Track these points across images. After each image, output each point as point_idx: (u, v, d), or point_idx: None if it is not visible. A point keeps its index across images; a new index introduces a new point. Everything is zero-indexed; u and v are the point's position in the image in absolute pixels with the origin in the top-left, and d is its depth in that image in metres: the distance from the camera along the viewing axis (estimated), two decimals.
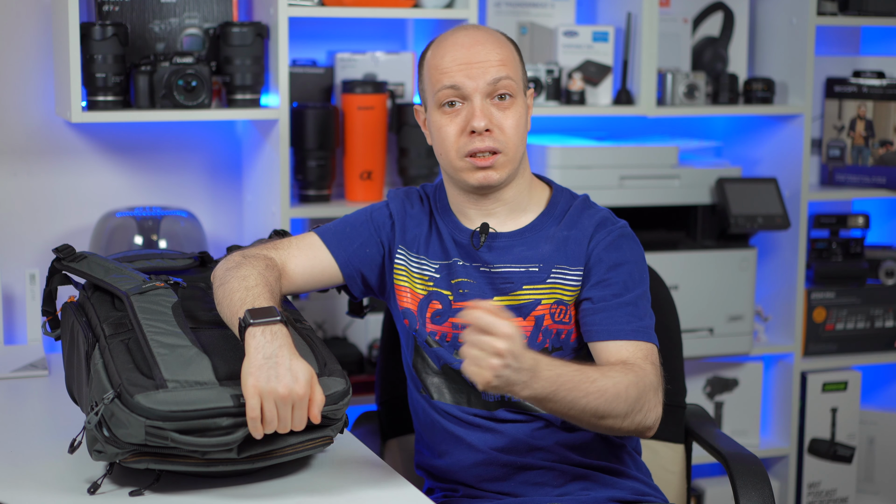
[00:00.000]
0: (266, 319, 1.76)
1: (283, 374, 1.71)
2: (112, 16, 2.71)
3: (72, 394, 2.01)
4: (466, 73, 1.99)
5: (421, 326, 2.07)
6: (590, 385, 1.83)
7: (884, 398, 3.60)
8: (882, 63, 3.41)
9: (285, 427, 1.72)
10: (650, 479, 2.13)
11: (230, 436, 1.70)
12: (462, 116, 1.99)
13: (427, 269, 2.08)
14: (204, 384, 1.71)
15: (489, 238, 2.05)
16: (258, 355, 1.72)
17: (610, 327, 1.98)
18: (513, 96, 2.00)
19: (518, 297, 2.02)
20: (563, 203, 2.09)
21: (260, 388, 1.69)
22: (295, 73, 2.88)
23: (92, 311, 1.92)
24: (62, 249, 2.04)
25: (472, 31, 2.05)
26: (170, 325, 1.82)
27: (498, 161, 1.99)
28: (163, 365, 1.73)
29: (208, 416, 1.69)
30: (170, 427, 1.67)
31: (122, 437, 1.69)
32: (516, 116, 2.01)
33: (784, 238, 3.26)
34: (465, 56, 2.00)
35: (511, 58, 2.03)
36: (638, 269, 2.04)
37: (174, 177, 2.95)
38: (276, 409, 1.70)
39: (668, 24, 3.20)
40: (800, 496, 3.33)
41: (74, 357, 1.94)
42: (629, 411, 1.87)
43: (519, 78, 2.04)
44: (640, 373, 1.91)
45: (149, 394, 1.68)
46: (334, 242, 2.11)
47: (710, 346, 3.12)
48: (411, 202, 2.15)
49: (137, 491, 1.73)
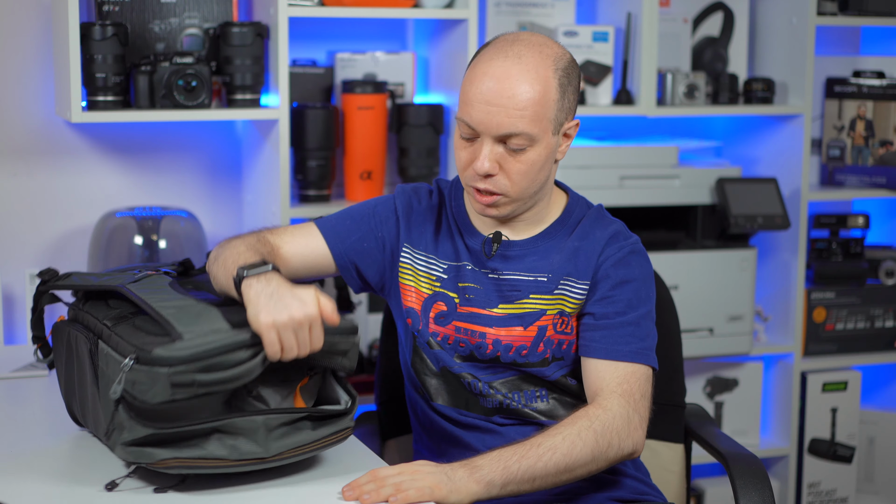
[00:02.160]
0: (259, 270, 1.79)
1: (291, 302, 1.74)
2: (112, 16, 2.71)
3: (72, 411, 1.98)
4: (484, 115, 1.90)
5: (424, 327, 2.07)
6: (537, 449, 1.84)
7: (884, 398, 3.60)
8: (882, 63, 3.41)
9: (306, 349, 1.75)
10: (649, 479, 2.13)
11: (251, 362, 1.72)
12: (473, 150, 1.95)
13: (435, 269, 2.07)
14: (218, 330, 1.73)
15: (501, 246, 2.04)
16: (260, 297, 1.75)
17: (606, 346, 1.98)
18: (529, 144, 1.92)
19: (523, 306, 2.02)
20: (578, 212, 2.08)
21: (275, 321, 1.72)
22: (295, 73, 2.88)
23: (88, 317, 1.91)
24: (45, 273, 2.02)
25: (509, 63, 1.92)
26: (172, 295, 1.85)
27: (499, 201, 1.97)
28: (175, 321, 1.74)
29: (228, 351, 1.71)
30: (194, 368, 1.68)
31: (150, 399, 1.69)
32: (529, 163, 1.93)
33: (784, 238, 3.26)
34: (488, 93, 1.90)
35: (539, 100, 1.91)
36: (645, 287, 2.03)
37: (174, 177, 2.95)
38: (294, 338, 1.73)
39: (668, 24, 3.20)
40: (800, 496, 3.33)
41: (75, 367, 1.92)
42: (595, 454, 1.88)
43: (544, 121, 1.93)
44: (595, 412, 1.90)
45: (167, 346, 1.70)
46: (331, 233, 2.10)
47: (710, 346, 3.12)
48: (419, 198, 2.12)
49: (161, 489, 1.74)
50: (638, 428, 1.94)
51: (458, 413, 2.06)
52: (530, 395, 2.04)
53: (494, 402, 2.03)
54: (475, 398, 2.05)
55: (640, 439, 1.95)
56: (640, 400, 1.96)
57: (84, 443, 1.94)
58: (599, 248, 2.02)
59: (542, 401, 2.04)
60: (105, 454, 1.87)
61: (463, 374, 2.04)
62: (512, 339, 2.01)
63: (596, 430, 1.88)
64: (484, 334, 2.02)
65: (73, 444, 1.95)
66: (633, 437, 1.93)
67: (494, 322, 2.02)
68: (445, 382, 2.07)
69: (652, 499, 2.08)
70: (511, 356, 2.01)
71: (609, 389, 1.94)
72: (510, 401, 2.03)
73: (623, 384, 1.95)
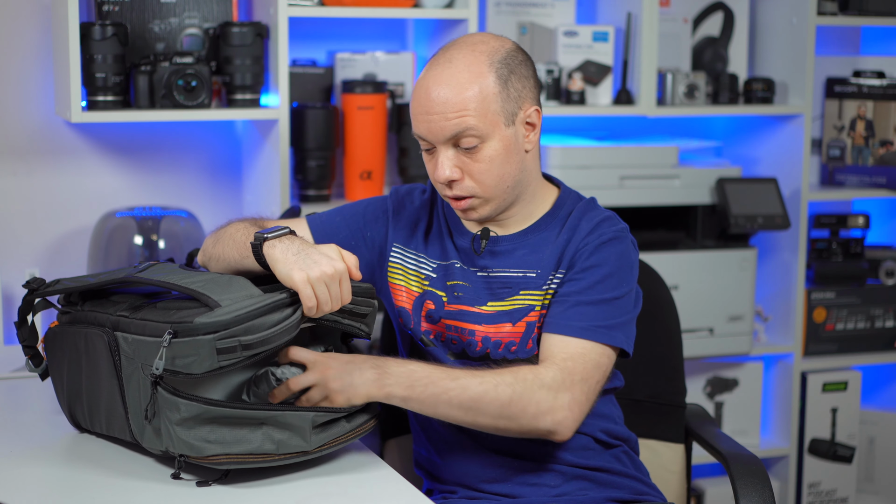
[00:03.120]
0: (277, 232, 1.84)
1: (320, 259, 1.79)
2: (112, 16, 2.71)
3: (74, 417, 1.97)
4: (427, 125, 1.92)
5: (416, 325, 2.07)
6: (450, 381, 1.85)
7: (884, 398, 3.60)
8: (882, 63, 3.41)
9: (337, 302, 1.80)
10: (648, 479, 2.13)
11: (291, 319, 1.77)
12: (434, 160, 1.96)
13: (424, 268, 2.08)
14: (252, 295, 1.77)
15: (490, 242, 2.04)
16: (287, 255, 1.80)
17: (559, 321, 1.93)
18: (481, 141, 1.91)
19: (513, 303, 2.01)
20: (569, 205, 2.07)
21: (308, 276, 1.77)
22: (295, 73, 2.89)
23: (95, 314, 1.89)
24: (33, 282, 2.00)
25: (438, 70, 1.94)
26: (189, 274, 1.86)
27: (473, 203, 1.97)
28: (208, 291, 1.77)
29: (269, 311, 1.74)
30: (238, 332, 1.71)
31: (196, 370, 1.70)
32: (487, 160, 1.92)
33: (784, 238, 3.26)
34: (425, 104, 1.92)
35: (475, 97, 1.90)
36: (619, 273, 1.97)
37: (174, 177, 2.95)
38: (327, 291, 1.78)
39: (668, 24, 3.20)
40: (800, 496, 3.33)
41: (83, 367, 1.90)
42: (504, 413, 1.85)
43: (489, 115, 1.91)
44: (526, 374, 1.87)
45: (208, 314, 1.72)
46: (319, 230, 2.10)
47: (710, 346, 3.12)
48: (412, 199, 2.13)
49: (204, 482, 1.75)
50: (565, 408, 1.86)
51: None
52: None
53: None
54: None
55: (565, 420, 1.87)
56: (579, 382, 1.88)
57: (84, 443, 1.94)
58: (583, 236, 1.99)
59: None
60: (105, 454, 1.87)
61: None
62: (501, 336, 2.01)
63: (516, 390, 1.85)
64: (473, 332, 2.02)
65: (73, 444, 1.95)
66: (555, 416, 1.86)
67: (483, 319, 2.02)
68: None
69: (652, 499, 2.08)
70: (500, 353, 2.01)
71: (550, 360, 1.90)
72: None
73: (567, 360, 1.89)
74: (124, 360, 1.80)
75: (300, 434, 1.78)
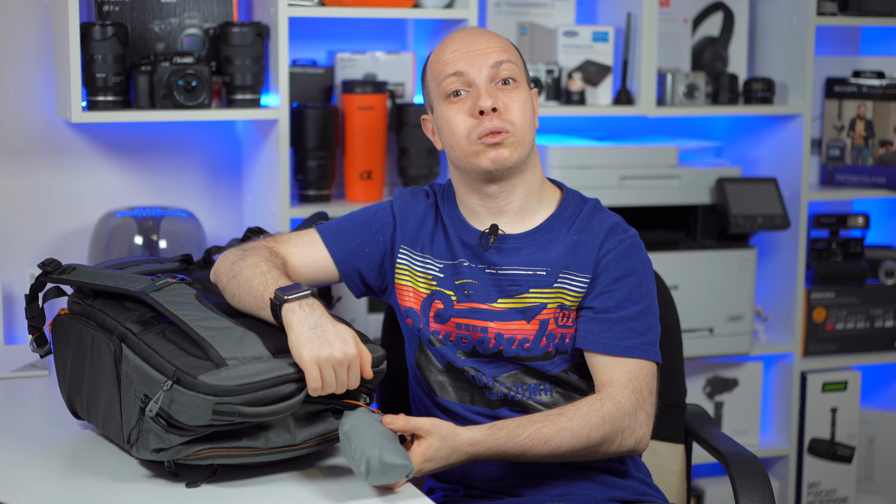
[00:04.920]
0: (299, 294, 1.82)
1: (334, 340, 1.78)
2: (112, 16, 2.71)
3: (72, 405, 1.98)
4: (468, 60, 2.02)
5: (424, 326, 2.07)
6: (543, 447, 1.89)
7: (884, 398, 3.60)
8: (882, 63, 3.41)
9: (343, 387, 1.79)
10: (650, 480, 2.13)
11: (292, 400, 1.75)
12: (469, 103, 2.01)
13: (431, 269, 2.08)
14: (260, 358, 1.76)
15: (498, 240, 2.05)
16: (304, 327, 1.78)
17: (606, 341, 1.99)
18: (516, 81, 2.03)
19: (524, 300, 2.02)
20: (574, 206, 2.09)
21: (317, 357, 1.76)
22: (295, 73, 2.89)
23: (104, 316, 1.89)
24: (48, 263, 2.01)
25: (471, 29, 2.11)
26: (204, 312, 1.84)
27: (508, 140, 2.00)
28: (216, 345, 1.75)
29: (273, 385, 1.73)
30: (238, 401, 1.70)
31: (187, 422, 1.70)
32: (522, 101, 2.02)
33: (784, 238, 3.26)
34: (465, 46, 2.04)
35: (511, 49, 2.06)
36: (646, 280, 2.04)
37: (174, 177, 2.95)
38: (334, 374, 1.77)
39: (668, 24, 3.20)
40: (800, 496, 3.33)
41: (86, 363, 1.91)
42: (596, 452, 1.94)
43: (521, 67, 2.06)
44: (608, 409, 1.93)
45: (212, 373, 1.70)
46: (332, 240, 2.11)
47: (710, 346, 3.12)
48: (417, 200, 2.14)
49: (194, 483, 1.75)
50: (643, 425, 1.97)
51: (463, 408, 2.06)
52: (534, 389, 2.04)
53: (499, 394, 2.04)
54: (480, 391, 2.05)
55: (645, 436, 1.97)
56: (648, 397, 1.99)
57: (84, 442, 1.94)
58: (599, 240, 2.03)
59: (546, 394, 2.04)
60: (105, 454, 1.88)
61: (466, 368, 2.05)
62: (514, 332, 2.01)
63: (606, 431, 1.92)
64: (486, 329, 2.02)
65: (73, 443, 1.95)
66: (637, 434, 1.96)
67: (496, 316, 2.02)
68: (451, 378, 2.07)
69: (653, 499, 2.08)
70: (514, 350, 2.02)
71: (620, 384, 1.97)
72: (515, 393, 2.04)
73: (633, 380, 1.97)
74: (124, 375, 1.81)
75: (283, 426, 1.77)
